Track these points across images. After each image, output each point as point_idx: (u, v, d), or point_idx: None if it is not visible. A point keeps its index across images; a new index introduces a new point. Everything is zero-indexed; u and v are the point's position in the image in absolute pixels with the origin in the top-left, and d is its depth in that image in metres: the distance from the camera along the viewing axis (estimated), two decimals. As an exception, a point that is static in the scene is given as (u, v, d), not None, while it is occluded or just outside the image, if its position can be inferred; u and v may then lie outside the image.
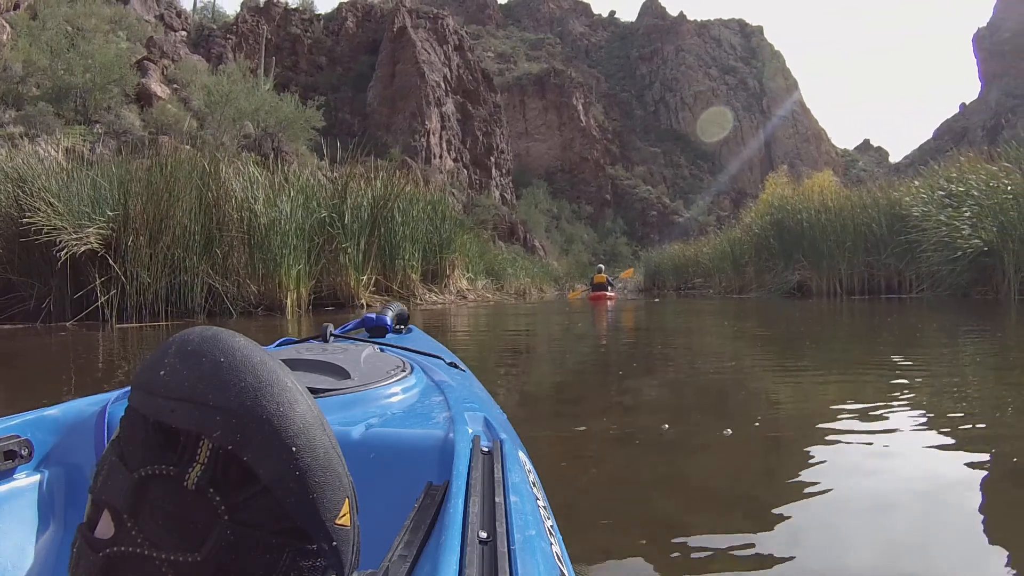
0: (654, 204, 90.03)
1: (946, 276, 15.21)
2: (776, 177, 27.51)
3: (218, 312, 11.30)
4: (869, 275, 18.89)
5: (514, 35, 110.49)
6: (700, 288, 30.11)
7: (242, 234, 11.79)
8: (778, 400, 3.89)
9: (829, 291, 19.42)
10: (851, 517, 1.88)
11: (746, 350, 6.56)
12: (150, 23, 42.98)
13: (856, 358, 5.80)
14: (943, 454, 2.51)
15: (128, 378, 4.39)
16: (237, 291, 11.56)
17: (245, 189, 12.15)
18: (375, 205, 14.70)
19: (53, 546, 1.02)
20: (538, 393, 4.48)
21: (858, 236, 18.81)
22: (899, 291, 17.82)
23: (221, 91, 26.83)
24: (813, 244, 19.73)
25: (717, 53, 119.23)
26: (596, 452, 2.74)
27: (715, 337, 8.26)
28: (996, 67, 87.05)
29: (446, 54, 58.98)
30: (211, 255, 11.38)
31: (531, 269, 35.79)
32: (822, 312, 12.58)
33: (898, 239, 17.26)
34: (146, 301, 10.64)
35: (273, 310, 11.87)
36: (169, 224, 10.83)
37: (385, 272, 15.09)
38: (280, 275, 11.94)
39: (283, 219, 12.07)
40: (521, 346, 7.45)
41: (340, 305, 13.76)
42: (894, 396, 3.58)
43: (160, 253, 10.72)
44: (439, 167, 51.09)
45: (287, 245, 12.04)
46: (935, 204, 16.27)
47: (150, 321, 10.40)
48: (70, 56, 23.72)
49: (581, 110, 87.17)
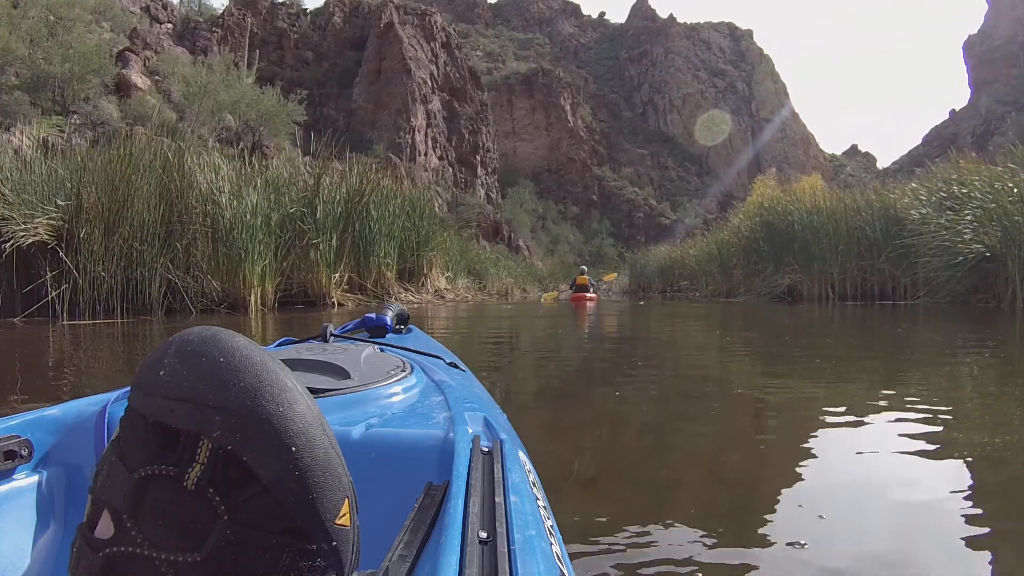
0: (641, 206, 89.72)
1: (945, 282, 14.58)
2: (764, 180, 27.01)
3: (178, 309, 10.75)
4: (862, 280, 18.25)
5: (503, 35, 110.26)
6: (686, 291, 29.48)
7: (205, 228, 11.21)
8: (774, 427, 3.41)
9: (821, 296, 18.73)
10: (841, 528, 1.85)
11: (739, 365, 5.99)
12: (135, 14, 42.72)
13: (863, 374, 5.24)
14: (939, 470, 2.43)
15: (79, 380, 4.45)
16: (199, 287, 10.98)
17: (210, 181, 11.55)
18: (349, 199, 14.12)
19: (53, 546, 1.01)
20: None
21: (851, 239, 18.11)
22: (893, 297, 17.25)
23: (200, 82, 26.17)
24: (804, 247, 18.98)
25: (706, 56, 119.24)
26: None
27: (706, 351, 7.70)
28: (986, 74, 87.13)
29: (433, 51, 58.35)
30: (171, 249, 10.79)
31: (514, 269, 35.56)
32: (817, 318, 11.99)
33: (893, 243, 16.66)
34: (100, 297, 10.09)
35: (237, 308, 11.29)
36: (126, 215, 10.24)
37: (359, 270, 14.53)
38: (244, 271, 11.33)
39: (248, 212, 11.45)
40: (496, 359, 6.91)
41: (310, 304, 13.21)
42: (896, 411, 3.41)
43: (116, 246, 10.16)
44: (424, 165, 50.58)
45: (252, 240, 11.42)
46: (934, 207, 15.67)
47: (104, 318, 9.86)
48: (48, 45, 23.35)
49: (569, 110, 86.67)
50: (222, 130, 26.98)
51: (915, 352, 6.55)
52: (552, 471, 2.36)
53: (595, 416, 3.67)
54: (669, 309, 17.44)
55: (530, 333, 9.63)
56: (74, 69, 23.17)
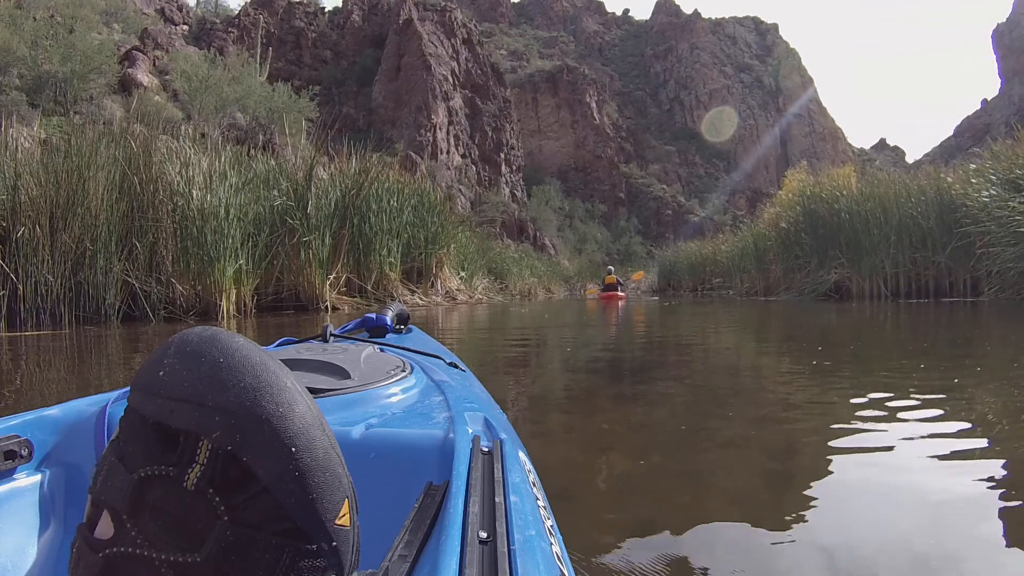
0: (669, 203, 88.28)
1: (1019, 276, 12.77)
2: (795, 173, 25.42)
3: (139, 316, 9.37)
4: (915, 274, 16.56)
5: (527, 33, 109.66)
6: (719, 289, 27.88)
7: (174, 224, 9.84)
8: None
9: (872, 293, 16.99)
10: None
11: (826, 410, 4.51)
12: (148, 16, 42.57)
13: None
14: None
15: (18, 401, 3.76)
16: (164, 292, 9.61)
17: (182, 174, 10.18)
18: (346, 192, 12.71)
19: (53, 546, 1.01)
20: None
21: (902, 230, 16.45)
22: (951, 293, 15.60)
23: (201, 76, 25.07)
24: (854, 239, 17.21)
25: (732, 51, 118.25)
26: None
27: (768, 368, 6.18)
28: (1016, 63, 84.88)
29: (454, 47, 57.16)
30: (132, 249, 9.43)
31: (539, 268, 34.48)
32: (886, 321, 10.24)
33: (952, 233, 14.95)
34: (45, 304, 8.72)
35: (208, 315, 9.90)
36: (76, 212, 8.89)
37: (359, 270, 13.13)
38: (214, 273, 9.93)
39: (219, 206, 10.05)
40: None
41: (302, 308, 11.87)
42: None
43: (64, 246, 8.78)
44: (446, 163, 49.49)
45: (223, 237, 10.02)
46: (1005, 187, 13.83)
47: (51, 328, 8.52)
48: (49, 44, 22.93)
49: (594, 108, 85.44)
50: (230, 128, 26.02)
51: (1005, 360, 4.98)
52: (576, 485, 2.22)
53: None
54: (704, 310, 15.71)
55: (553, 345, 8.11)
56: (75, 68, 22.76)
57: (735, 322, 10.85)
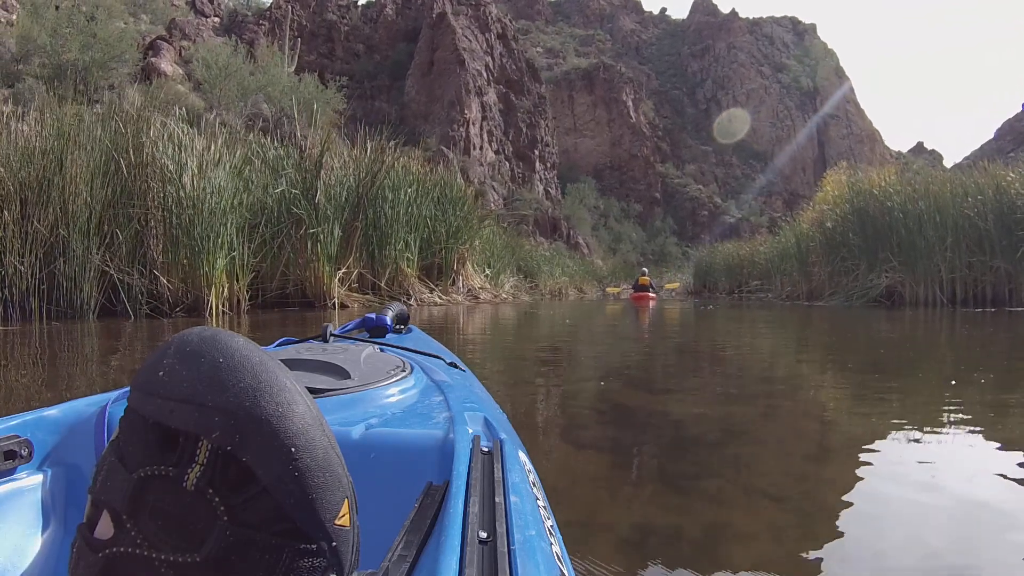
0: (705, 204, 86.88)
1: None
2: (834, 174, 24.04)
3: (119, 311, 8.53)
4: (972, 280, 15.36)
5: (563, 31, 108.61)
6: (758, 292, 26.64)
7: (166, 212, 8.99)
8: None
9: (928, 299, 15.78)
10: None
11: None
12: (178, 8, 42.51)
13: None
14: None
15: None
16: (149, 285, 8.75)
17: (175, 157, 9.32)
18: (360, 181, 11.80)
19: (53, 546, 1.01)
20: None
21: (959, 231, 15.25)
22: (1011, 302, 14.39)
23: (220, 63, 24.39)
24: (908, 239, 15.98)
25: (769, 51, 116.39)
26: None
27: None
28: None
29: (488, 42, 56.23)
30: (113, 239, 8.58)
31: (571, 267, 33.58)
32: (958, 333, 9.12)
33: (1016, 234, 13.77)
34: (13, 297, 7.90)
35: (198, 311, 9.03)
36: (51, 198, 8.06)
37: (373, 265, 12.22)
38: (203, 265, 9.04)
39: (212, 193, 9.17)
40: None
41: (308, 305, 10.99)
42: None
43: (35, 235, 7.96)
44: (479, 159, 48.57)
45: (212, 226, 9.13)
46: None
47: (20, 322, 7.72)
48: (68, 32, 22.84)
49: (631, 106, 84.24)
50: (254, 118, 25.33)
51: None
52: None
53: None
54: (743, 315, 14.55)
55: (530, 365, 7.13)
56: (96, 57, 22.68)
57: (798, 341, 9.44)
